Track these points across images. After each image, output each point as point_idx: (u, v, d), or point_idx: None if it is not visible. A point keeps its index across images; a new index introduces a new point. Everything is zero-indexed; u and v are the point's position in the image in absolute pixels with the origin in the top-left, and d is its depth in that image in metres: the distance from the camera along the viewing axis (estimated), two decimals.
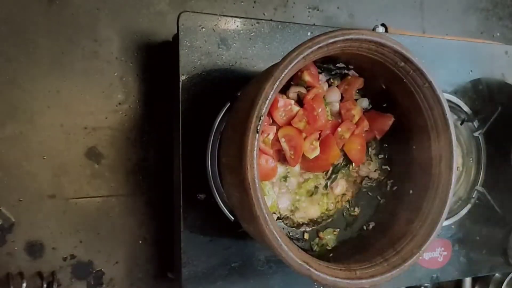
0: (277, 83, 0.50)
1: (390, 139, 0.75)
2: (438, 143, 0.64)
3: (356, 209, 0.77)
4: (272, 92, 0.50)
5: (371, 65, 0.64)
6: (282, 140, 0.67)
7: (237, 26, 0.71)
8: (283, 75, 0.51)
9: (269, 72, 0.52)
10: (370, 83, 0.71)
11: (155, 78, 0.82)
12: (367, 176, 0.77)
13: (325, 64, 0.70)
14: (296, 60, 0.51)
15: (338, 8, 0.97)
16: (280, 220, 0.73)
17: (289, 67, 0.51)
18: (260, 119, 0.50)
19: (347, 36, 0.54)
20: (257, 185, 0.50)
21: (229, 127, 0.63)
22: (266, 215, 0.50)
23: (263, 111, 0.50)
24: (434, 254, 0.86)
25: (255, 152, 0.50)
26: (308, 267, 0.53)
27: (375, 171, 0.77)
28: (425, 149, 0.66)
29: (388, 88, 0.68)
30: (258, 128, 0.50)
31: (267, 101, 0.50)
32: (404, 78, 0.62)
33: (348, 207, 0.77)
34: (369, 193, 0.77)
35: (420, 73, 0.60)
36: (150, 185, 0.82)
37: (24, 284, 0.72)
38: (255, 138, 0.50)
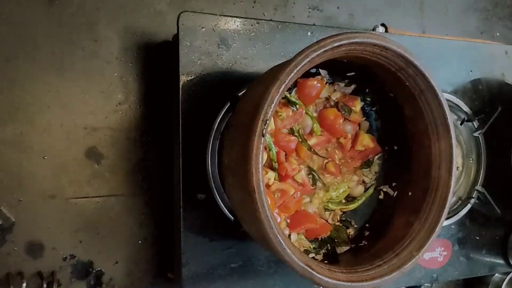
0: (283, 86, 0.51)
1: (390, 142, 0.75)
2: (438, 146, 0.64)
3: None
4: (278, 96, 0.51)
5: (374, 68, 0.64)
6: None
7: (237, 26, 0.71)
8: (289, 78, 0.51)
9: (275, 75, 0.52)
10: (375, 88, 0.72)
11: (155, 78, 0.82)
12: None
13: (335, 76, 0.71)
14: (302, 64, 0.52)
15: (338, 8, 0.97)
16: None
17: (295, 71, 0.51)
18: (266, 123, 0.50)
19: (353, 39, 0.54)
20: (262, 189, 0.50)
21: (231, 128, 0.63)
22: (270, 219, 0.50)
23: (269, 114, 0.50)
24: (434, 254, 0.86)
25: (260, 156, 0.50)
26: (311, 270, 0.53)
27: (374, 173, 0.77)
28: (425, 152, 0.66)
29: (391, 92, 0.69)
30: (264, 132, 0.50)
31: (273, 105, 0.50)
32: (407, 82, 0.62)
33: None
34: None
35: (423, 78, 0.60)
36: (150, 185, 0.82)
37: (24, 284, 0.73)
38: (261, 142, 0.50)
